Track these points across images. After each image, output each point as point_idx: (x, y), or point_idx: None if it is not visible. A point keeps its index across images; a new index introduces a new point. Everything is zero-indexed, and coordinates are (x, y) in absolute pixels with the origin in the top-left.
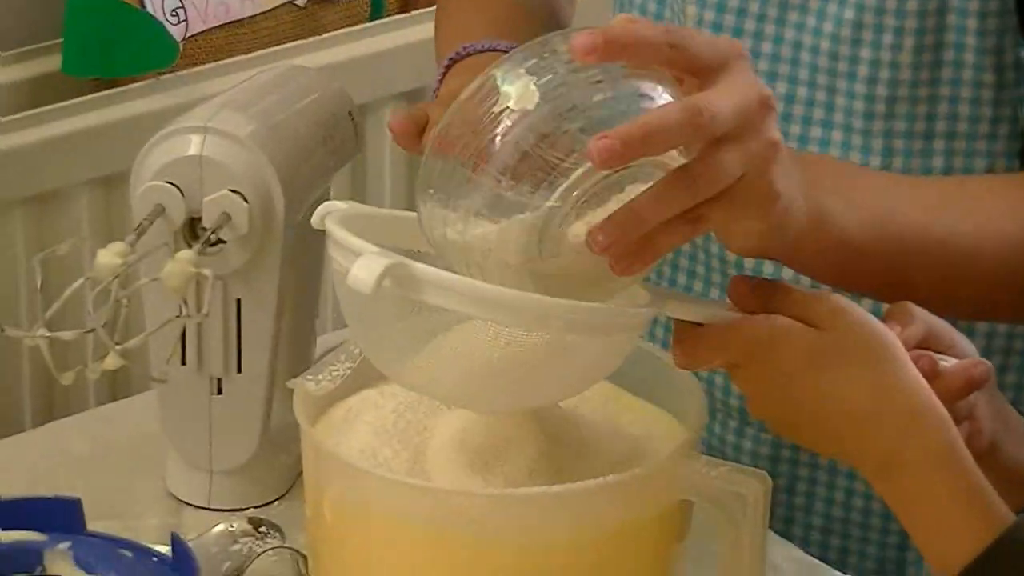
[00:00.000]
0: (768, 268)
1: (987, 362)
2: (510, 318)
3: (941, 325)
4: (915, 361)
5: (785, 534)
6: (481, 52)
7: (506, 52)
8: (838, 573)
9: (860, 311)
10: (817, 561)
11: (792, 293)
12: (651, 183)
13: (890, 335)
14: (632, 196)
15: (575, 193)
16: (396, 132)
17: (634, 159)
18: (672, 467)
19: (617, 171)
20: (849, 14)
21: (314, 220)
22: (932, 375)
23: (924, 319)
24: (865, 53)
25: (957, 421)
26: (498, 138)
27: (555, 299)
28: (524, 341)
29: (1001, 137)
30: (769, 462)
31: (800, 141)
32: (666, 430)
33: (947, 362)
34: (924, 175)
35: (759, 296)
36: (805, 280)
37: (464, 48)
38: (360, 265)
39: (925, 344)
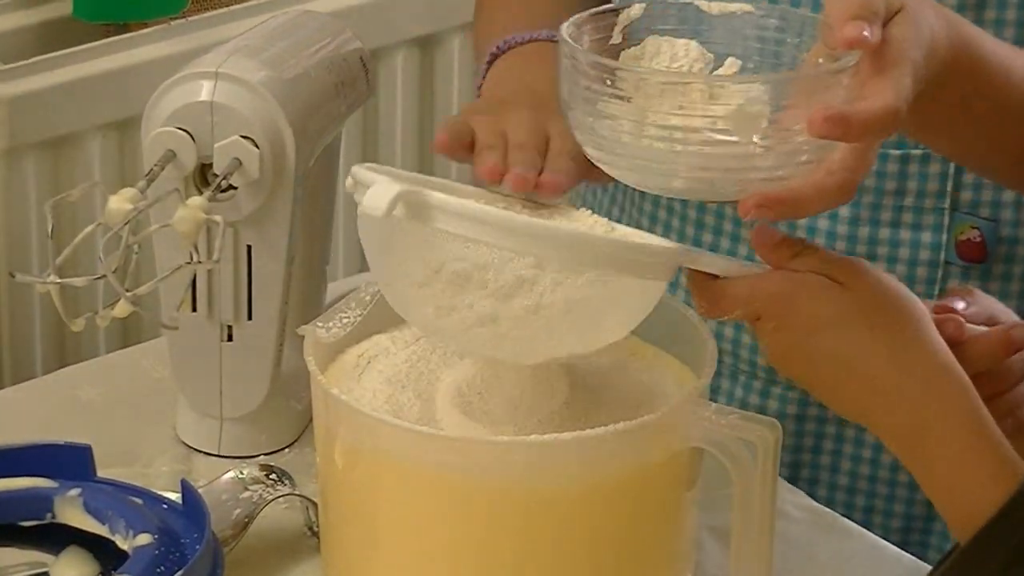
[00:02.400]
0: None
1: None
2: (519, 245)
3: (1001, 309)
4: (941, 324)
5: (811, 493)
6: (522, 44)
7: (548, 40)
8: (847, 520)
9: (883, 274)
10: (827, 509)
11: (817, 251)
12: None
13: (912, 298)
14: None
15: None
16: (443, 150)
17: (838, 139)
18: (681, 414)
19: None
20: None
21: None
22: (957, 339)
23: (985, 303)
24: None
25: (1010, 383)
26: None
27: (568, 227)
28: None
29: None
30: (795, 421)
31: None
32: (676, 377)
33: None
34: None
35: (783, 251)
36: None
37: (505, 42)
38: (373, 191)
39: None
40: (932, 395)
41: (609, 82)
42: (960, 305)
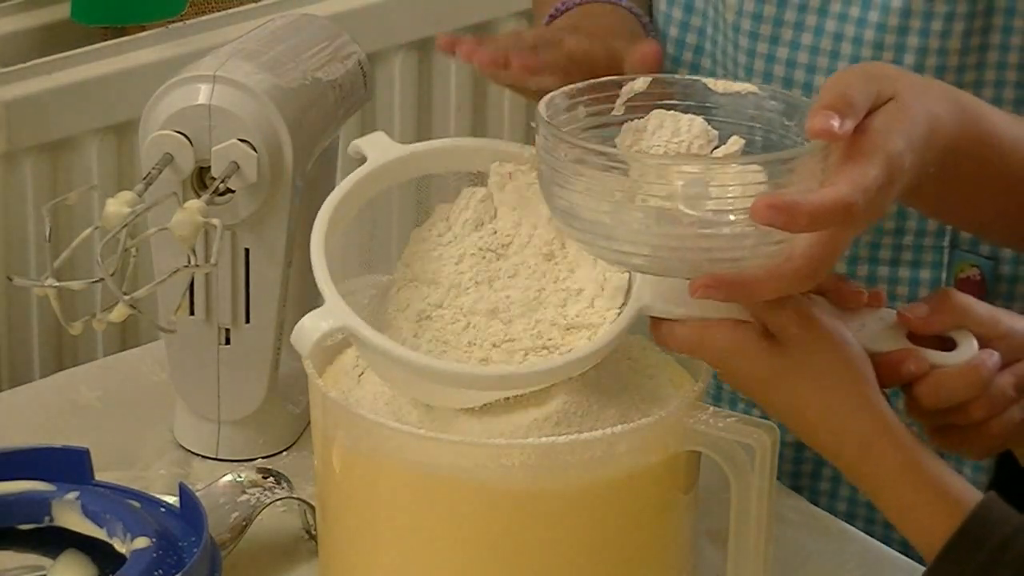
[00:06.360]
0: None
1: (993, 355)
2: (443, 382)
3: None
4: (901, 362)
5: None
6: (579, 5)
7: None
8: (844, 524)
9: (829, 328)
10: (824, 512)
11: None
12: None
13: (853, 355)
14: None
15: None
16: (443, 44)
17: (783, 228)
18: (679, 417)
19: None
20: (897, 1)
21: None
22: (917, 375)
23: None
24: (912, 41)
25: (1000, 406)
26: None
27: (490, 369)
28: None
29: None
30: (794, 448)
31: None
32: (674, 380)
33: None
34: None
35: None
36: None
37: (564, 3)
38: (302, 324)
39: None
40: (865, 453)
41: (568, 154)
42: (920, 311)
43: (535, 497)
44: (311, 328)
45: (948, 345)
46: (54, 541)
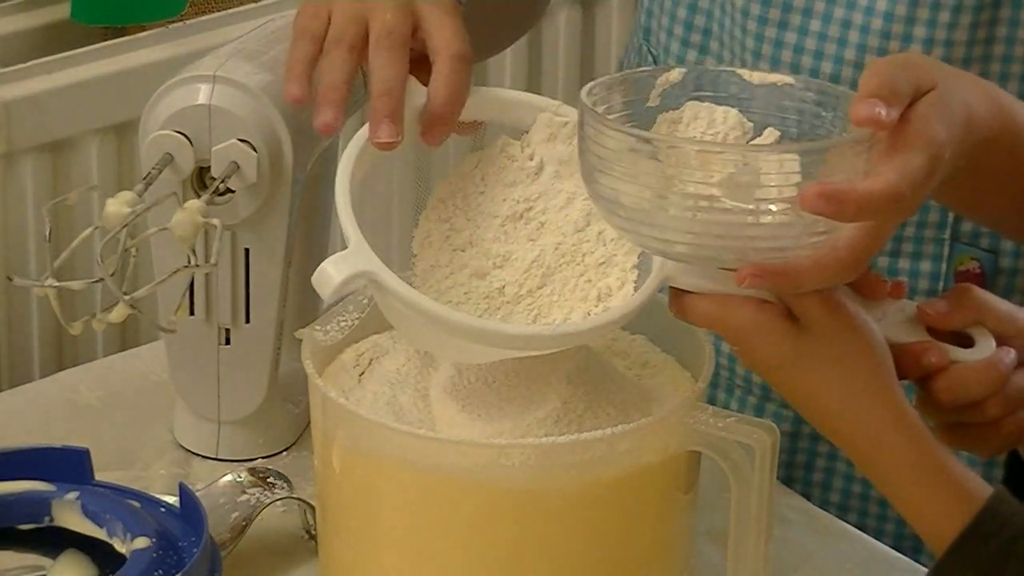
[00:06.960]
0: None
1: (1010, 354)
2: (466, 337)
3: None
4: (922, 354)
5: None
6: None
7: None
8: (843, 523)
9: (851, 315)
10: (823, 512)
11: None
12: None
13: (874, 344)
14: None
15: None
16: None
17: (832, 217)
18: (679, 417)
19: None
20: None
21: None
22: (938, 368)
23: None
24: (919, 32)
25: (1014, 402)
26: None
27: (514, 327)
28: None
29: None
30: (789, 438)
31: None
32: (674, 380)
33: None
34: None
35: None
36: None
37: None
38: (324, 267)
39: None
40: (878, 444)
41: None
42: (940, 307)
43: (535, 497)
44: (333, 272)
45: (964, 342)
46: (54, 541)
